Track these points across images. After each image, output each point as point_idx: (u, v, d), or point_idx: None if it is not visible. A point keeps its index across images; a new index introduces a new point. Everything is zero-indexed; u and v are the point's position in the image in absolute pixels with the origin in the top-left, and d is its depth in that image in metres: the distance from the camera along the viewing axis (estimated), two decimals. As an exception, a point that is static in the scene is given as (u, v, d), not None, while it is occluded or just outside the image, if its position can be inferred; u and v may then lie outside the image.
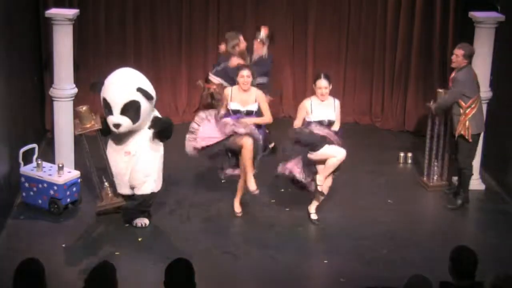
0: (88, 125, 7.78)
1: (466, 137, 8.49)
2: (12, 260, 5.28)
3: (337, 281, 7.26)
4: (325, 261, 7.60)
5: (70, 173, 8.43)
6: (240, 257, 7.64)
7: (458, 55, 8.53)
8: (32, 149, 8.62)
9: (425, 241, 8.00)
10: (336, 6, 11.50)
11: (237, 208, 8.38)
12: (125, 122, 7.67)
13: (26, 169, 8.38)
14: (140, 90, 7.67)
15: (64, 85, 8.83)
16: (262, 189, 8.80)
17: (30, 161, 8.48)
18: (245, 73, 8.11)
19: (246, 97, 8.14)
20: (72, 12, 8.89)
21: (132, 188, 7.94)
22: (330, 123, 7.94)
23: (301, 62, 11.74)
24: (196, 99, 11.54)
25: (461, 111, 8.47)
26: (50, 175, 8.36)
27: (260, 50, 9.99)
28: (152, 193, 7.95)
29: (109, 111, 7.72)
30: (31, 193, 8.34)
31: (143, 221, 8.05)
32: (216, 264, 7.41)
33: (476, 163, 9.29)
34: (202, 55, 11.46)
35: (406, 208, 8.80)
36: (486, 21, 8.94)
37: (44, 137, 10.33)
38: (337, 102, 8.06)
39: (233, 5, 11.34)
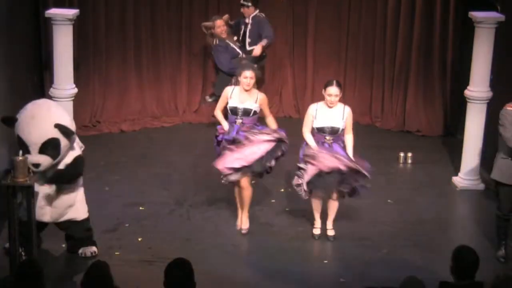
0: (20, 179, 6.67)
1: None
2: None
3: (337, 281, 7.26)
4: (325, 261, 7.60)
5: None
6: (240, 257, 7.64)
7: None
8: (32, 149, 8.60)
9: (425, 241, 8.00)
10: (336, 6, 11.50)
11: (245, 224, 8.10)
12: (45, 161, 6.98)
13: (26, 169, 8.35)
14: (58, 126, 6.97)
15: (64, 85, 8.83)
16: (262, 189, 8.80)
17: (30, 161, 8.46)
18: (248, 74, 7.83)
19: (246, 96, 7.91)
20: (72, 12, 8.89)
21: (58, 218, 7.38)
22: (333, 131, 7.70)
23: (301, 62, 11.74)
24: (196, 99, 11.57)
25: None
26: (50, 175, 8.35)
27: (248, 12, 10.62)
28: (82, 221, 7.47)
29: (26, 150, 6.95)
30: (31, 193, 8.33)
31: (89, 250, 7.50)
32: (216, 264, 7.41)
33: (476, 163, 9.30)
34: (202, 55, 11.45)
35: (406, 208, 8.80)
36: (486, 21, 8.94)
37: (44, 137, 10.32)
38: (347, 110, 7.81)
39: (233, 5, 11.33)
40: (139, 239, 7.85)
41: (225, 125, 7.92)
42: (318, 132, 7.72)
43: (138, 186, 8.98)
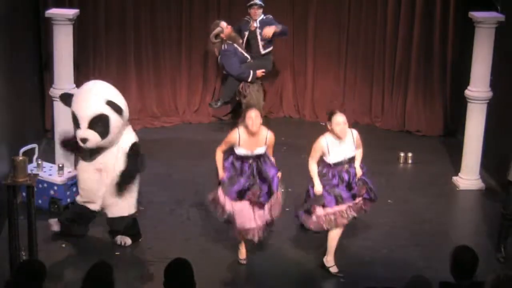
0: (20, 179, 6.67)
1: None
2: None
3: (337, 281, 7.27)
4: (325, 261, 7.60)
5: (70, 173, 8.43)
6: (240, 257, 7.64)
7: None
8: (32, 149, 8.62)
9: (425, 241, 8.00)
10: (336, 6, 11.49)
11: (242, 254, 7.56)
12: (93, 137, 7.20)
13: (26, 169, 8.37)
14: (109, 103, 7.20)
15: (64, 85, 8.82)
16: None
17: (30, 161, 8.46)
18: (253, 114, 7.10)
19: (255, 140, 7.19)
20: (72, 12, 8.88)
21: (104, 208, 7.57)
22: (350, 160, 7.19)
23: (301, 62, 11.73)
24: (196, 99, 11.57)
25: None
26: (50, 175, 8.37)
27: (258, 14, 10.53)
28: (123, 217, 7.58)
29: (77, 125, 7.27)
30: (31, 193, 8.34)
31: (124, 240, 7.72)
32: (215, 264, 7.41)
33: (476, 163, 9.31)
34: (202, 55, 11.45)
35: (406, 208, 8.80)
36: (486, 21, 8.93)
37: (44, 137, 10.34)
38: (355, 133, 7.22)
39: (232, 5, 11.33)
40: (139, 239, 7.85)
41: (221, 173, 7.28)
42: (336, 166, 7.19)
43: (138, 186, 8.97)
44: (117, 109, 7.22)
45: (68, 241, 7.75)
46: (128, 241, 7.72)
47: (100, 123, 7.17)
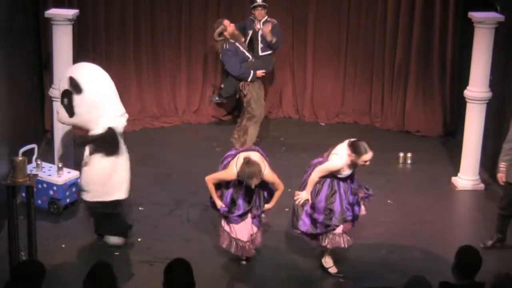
0: (19, 180, 6.67)
1: None
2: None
3: (337, 281, 7.27)
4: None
5: (70, 173, 8.44)
6: (239, 257, 7.63)
7: None
8: (32, 149, 8.61)
9: (425, 241, 8.00)
10: (336, 5, 11.49)
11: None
12: (61, 112, 7.48)
13: (26, 169, 8.37)
14: (70, 80, 7.32)
15: (64, 85, 8.82)
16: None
17: (30, 162, 8.46)
18: (255, 182, 6.98)
19: None
20: (72, 12, 8.88)
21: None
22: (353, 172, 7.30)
23: (301, 62, 11.73)
24: (196, 99, 11.56)
25: None
26: (49, 175, 8.37)
27: (263, 15, 10.54)
28: (100, 203, 7.54)
29: None
30: (31, 193, 8.34)
31: (113, 240, 7.69)
32: (215, 264, 7.41)
33: (476, 163, 9.31)
34: (202, 55, 11.45)
35: (406, 208, 8.80)
36: (485, 21, 8.94)
37: (44, 137, 10.34)
38: None
39: (232, 5, 11.33)
40: (139, 239, 7.85)
41: (219, 203, 7.27)
42: (343, 179, 7.22)
43: (138, 186, 8.97)
44: (75, 87, 7.30)
45: (68, 241, 7.75)
46: (118, 240, 7.66)
47: (65, 99, 7.37)
